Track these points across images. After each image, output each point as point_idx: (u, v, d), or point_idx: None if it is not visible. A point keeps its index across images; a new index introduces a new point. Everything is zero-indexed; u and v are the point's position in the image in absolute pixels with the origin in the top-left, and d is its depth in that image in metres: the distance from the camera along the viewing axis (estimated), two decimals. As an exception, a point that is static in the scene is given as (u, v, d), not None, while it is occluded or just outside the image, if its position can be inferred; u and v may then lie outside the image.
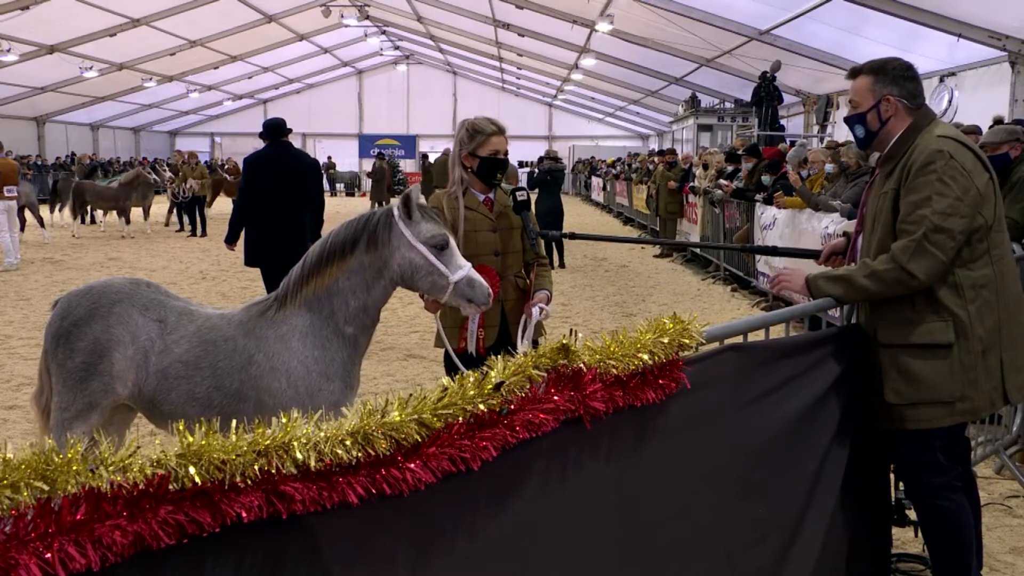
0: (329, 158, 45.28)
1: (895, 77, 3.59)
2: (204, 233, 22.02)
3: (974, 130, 8.52)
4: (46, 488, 1.56)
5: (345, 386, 3.72)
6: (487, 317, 4.33)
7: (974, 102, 15.15)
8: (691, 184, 17.51)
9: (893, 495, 3.99)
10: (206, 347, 3.77)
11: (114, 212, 23.03)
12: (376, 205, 27.56)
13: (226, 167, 30.18)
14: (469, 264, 3.75)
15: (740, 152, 15.65)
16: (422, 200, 3.78)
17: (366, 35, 41.01)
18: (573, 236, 5.10)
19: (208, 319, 3.89)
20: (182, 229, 23.14)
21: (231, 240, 8.64)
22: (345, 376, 3.73)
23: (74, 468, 1.61)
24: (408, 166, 47.99)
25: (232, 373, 3.71)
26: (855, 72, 3.72)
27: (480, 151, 4.35)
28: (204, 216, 22.61)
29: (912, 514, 3.87)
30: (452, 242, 3.73)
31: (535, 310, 4.29)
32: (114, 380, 3.84)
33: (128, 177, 22.61)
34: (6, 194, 15.88)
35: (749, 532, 3.02)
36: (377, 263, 3.67)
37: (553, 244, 15.96)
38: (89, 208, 22.84)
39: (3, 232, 15.73)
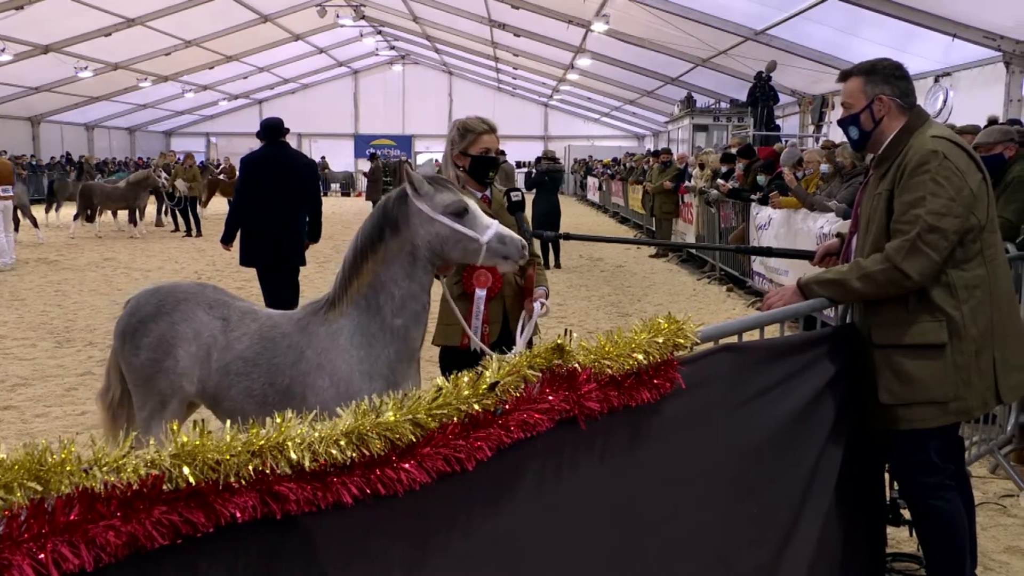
0: (323, 158, 45.15)
1: (886, 76, 3.60)
2: (199, 233, 21.98)
3: (973, 130, 8.52)
4: (39, 489, 1.56)
5: (388, 385, 3.57)
6: (491, 313, 4.34)
7: (969, 102, 15.20)
8: (686, 184, 17.52)
9: (888, 495, 4.00)
10: (265, 344, 3.77)
11: (109, 212, 22.95)
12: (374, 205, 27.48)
13: (222, 168, 30.10)
14: (496, 222, 3.64)
15: (733, 152, 15.68)
16: (429, 173, 3.71)
17: (361, 35, 40.99)
18: (568, 237, 5.10)
19: (270, 317, 3.91)
20: (177, 229, 23.10)
21: (227, 240, 8.63)
22: (389, 375, 3.62)
23: (67, 468, 1.61)
24: (404, 166, 47.89)
25: (284, 369, 3.69)
26: (846, 75, 3.73)
27: (471, 150, 4.36)
28: (198, 216, 22.57)
29: (907, 514, 3.88)
30: (472, 205, 3.62)
31: (536, 306, 4.29)
32: (180, 377, 3.88)
33: (138, 177, 22.46)
34: (1, 194, 15.86)
35: (744, 532, 3.02)
36: (406, 246, 3.59)
37: (549, 244, 15.95)
38: (97, 209, 22.56)
39: None
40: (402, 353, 3.66)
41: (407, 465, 1.98)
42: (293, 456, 1.81)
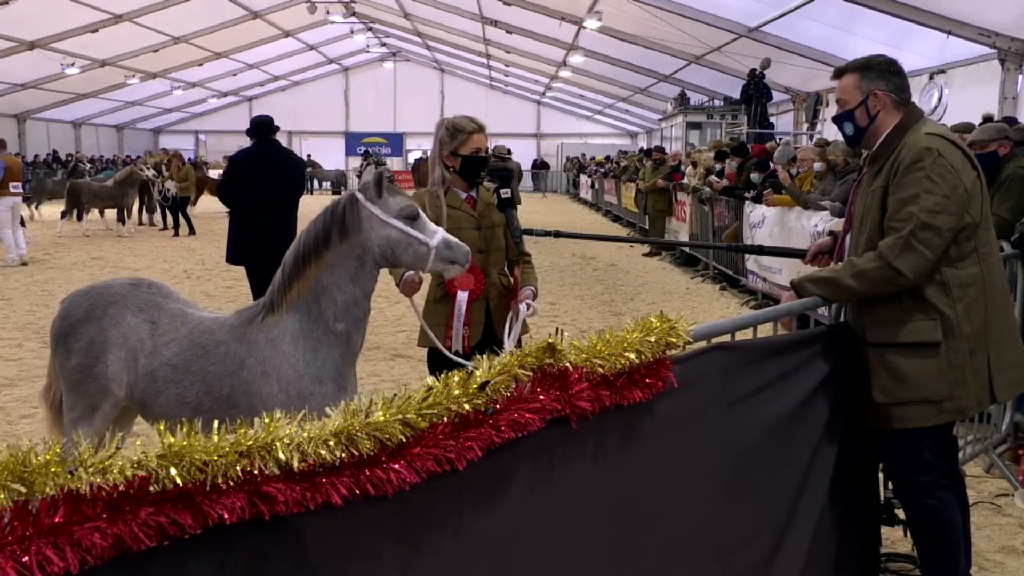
0: (309, 156, 44.54)
1: (881, 72, 3.60)
2: (192, 231, 21.75)
3: (966, 127, 8.52)
4: (24, 490, 1.54)
5: (338, 388, 3.63)
6: (472, 315, 4.31)
7: (964, 100, 15.22)
8: (681, 181, 17.53)
9: (882, 494, 3.99)
10: (197, 351, 3.74)
11: (96, 211, 22.82)
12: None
13: (208, 164, 29.97)
14: (442, 228, 3.72)
15: (725, 150, 15.70)
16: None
17: (352, 32, 40.87)
18: (559, 234, 5.08)
19: (201, 322, 3.86)
20: (165, 228, 22.98)
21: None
22: (338, 378, 3.65)
23: (52, 470, 1.58)
24: (395, 164, 47.91)
25: (223, 378, 3.67)
26: (840, 72, 3.73)
27: (461, 150, 4.34)
28: (188, 216, 22.43)
29: (901, 513, 3.87)
30: (420, 212, 3.69)
31: (522, 307, 4.27)
32: (110, 382, 3.86)
33: (123, 175, 22.30)
34: (12, 191, 16.09)
35: (738, 532, 3.01)
36: (355, 250, 3.60)
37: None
38: (84, 207, 22.33)
39: (5, 228, 15.89)
40: (346, 356, 3.70)
41: (397, 465, 1.96)
42: (281, 456, 1.79)
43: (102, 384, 3.86)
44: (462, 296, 4.29)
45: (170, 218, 22.70)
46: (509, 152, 20.07)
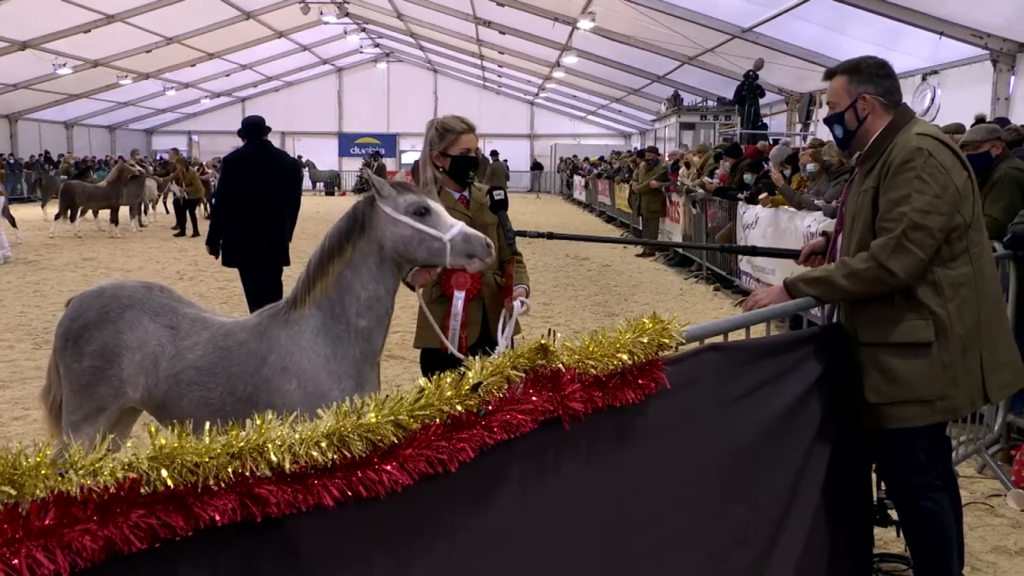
0: (300, 157, 43.99)
1: (870, 75, 3.60)
2: (196, 233, 21.58)
3: (957, 128, 8.54)
4: (13, 492, 1.53)
5: (356, 385, 3.59)
6: (469, 315, 4.31)
7: (956, 100, 15.27)
8: (676, 182, 17.54)
9: (875, 495, 3.99)
10: (221, 353, 3.73)
11: (90, 211, 22.76)
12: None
13: (203, 165, 29.94)
14: (461, 222, 3.65)
15: (719, 151, 15.73)
16: (393, 178, 3.70)
17: (345, 32, 40.81)
18: (552, 236, 5.07)
19: (222, 326, 3.86)
20: (176, 227, 22.98)
21: (212, 244, 8.41)
22: (356, 375, 3.63)
23: (43, 472, 1.58)
24: (389, 165, 47.81)
25: (245, 377, 3.66)
26: (830, 73, 3.73)
27: (451, 150, 4.33)
28: (196, 217, 22.38)
29: (894, 514, 3.87)
30: (434, 206, 3.62)
31: (516, 304, 4.26)
32: (124, 384, 3.83)
33: (114, 174, 22.14)
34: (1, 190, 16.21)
35: (732, 533, 3.01)
36: (373, 246, 3.59)
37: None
38: (79, 208, 22.14)
39: None
40: (367, 354, 3.66)
41: (389, 467, 1.95)
42: (273, 458, 1.78)
43: (115, 387, 3.83)
44: (459, 296, 4.28)
45: (181, 218, 22.67)
46: (495, 154, 20.08)
